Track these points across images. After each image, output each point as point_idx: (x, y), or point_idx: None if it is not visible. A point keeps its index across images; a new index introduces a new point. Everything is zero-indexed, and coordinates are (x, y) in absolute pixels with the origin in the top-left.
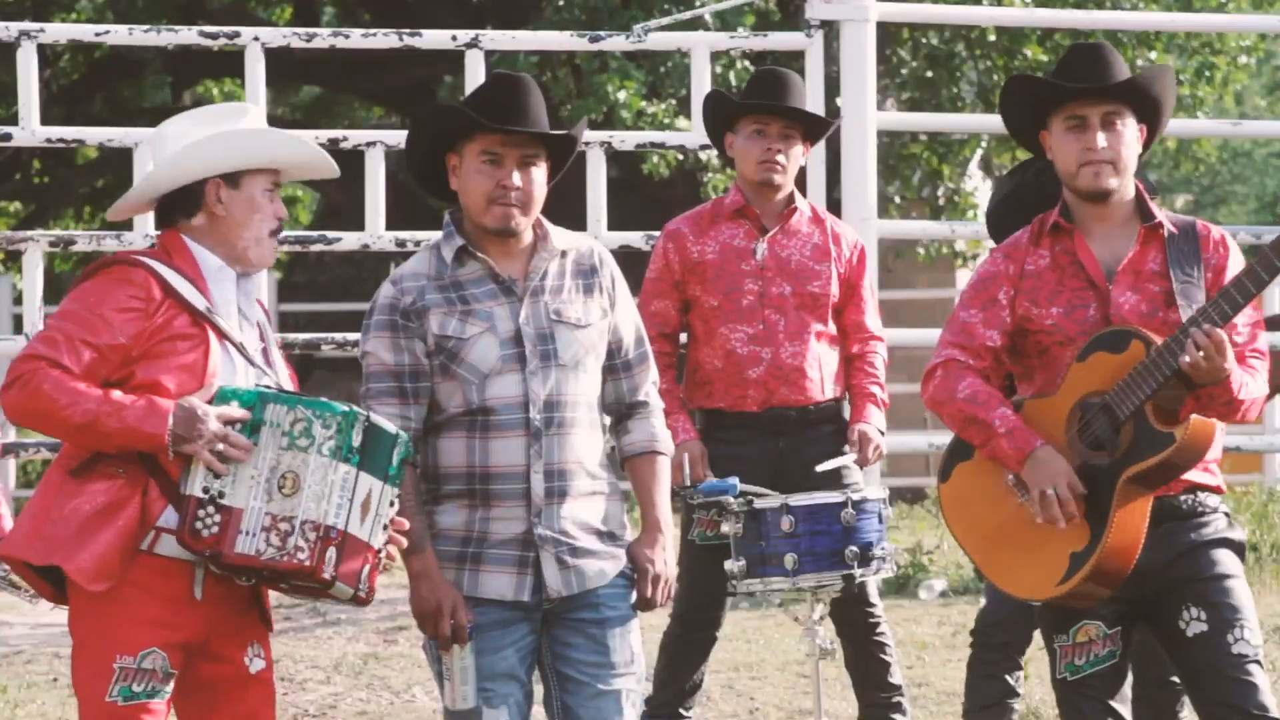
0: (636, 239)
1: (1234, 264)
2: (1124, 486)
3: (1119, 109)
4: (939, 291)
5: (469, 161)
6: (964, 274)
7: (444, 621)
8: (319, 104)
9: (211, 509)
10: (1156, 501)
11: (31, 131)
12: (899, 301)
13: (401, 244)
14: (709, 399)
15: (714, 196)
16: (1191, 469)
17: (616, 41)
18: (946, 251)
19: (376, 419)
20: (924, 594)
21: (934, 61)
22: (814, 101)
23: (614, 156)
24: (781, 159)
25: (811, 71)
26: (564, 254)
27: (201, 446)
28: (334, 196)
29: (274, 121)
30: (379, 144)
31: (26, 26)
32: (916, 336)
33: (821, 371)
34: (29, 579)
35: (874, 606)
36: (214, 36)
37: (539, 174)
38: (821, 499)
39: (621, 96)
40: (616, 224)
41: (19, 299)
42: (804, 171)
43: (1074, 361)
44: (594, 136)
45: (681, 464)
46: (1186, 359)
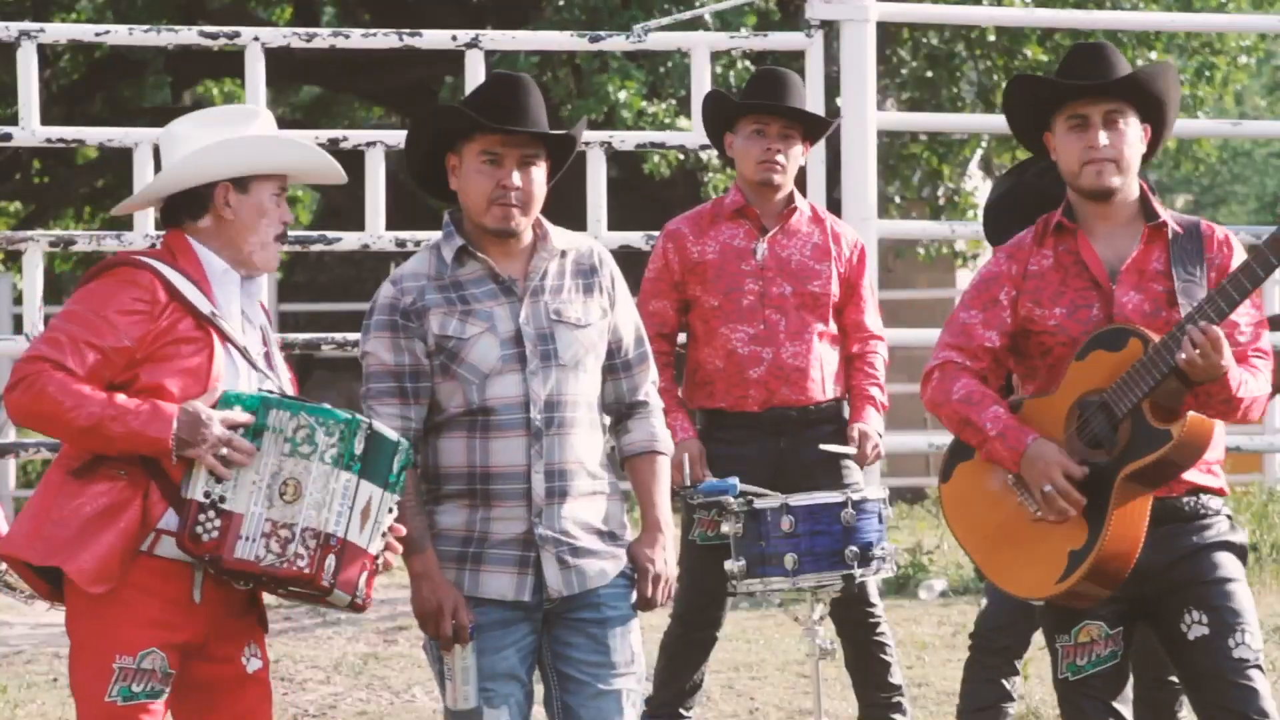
0: (636, 239)
1: (1237, 264)
2: (1122, 484)
3: (1121, 107)
4: (939, 291)
5: (469, 161)
6: (964, 274)
7: (445, 621)
8: (319, 104)
9: (212, 513)
10: (1159, 502)
11: (31, 131)
12: (899, 301)
13: (401, 244)
14: (710, 399)
15: (715, 196)
16: (1191, 467)
17: (616, 41)
18: (946, 251)
19: (379, 426)
20: (924, 594)
21: (934, 61)
22: (814, 101)
23: (614, 156)
24: (781, 159)
25: (811, 71)
26: (564, 254)
27: (205, 451)
28: (334, 196)
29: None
30: (379, 144)
31: (26, 26)
32: (916, 336)
33: (822, 371)
34: (27, 578)
35: (874, 606)
36: (214, 36)
37: (539, 174)
38: (821, 499)
39: (622, 96)
40: (616, 224)
41: (19, 299)
42: (804, 171)
43: (1073, 360)
44: (594, 136)
45: (681, 464)
46: (1182, 356)
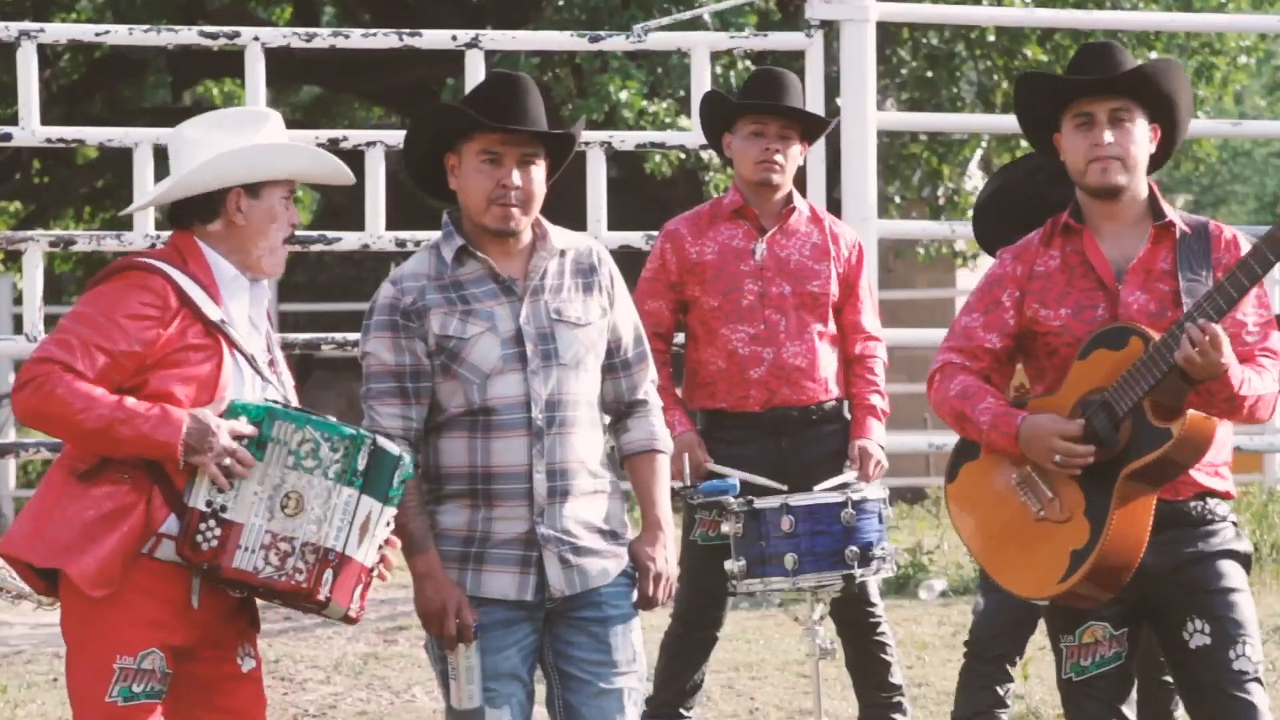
0: (636, 239)
1: None
2: (1124, 483)
3: (1127, 105)
4: (939, 291)
5: (468, 161)
6: (964, 274)
7: (449, 621)
8: (319, 104)
9: (213, 522)
10: (1165, 505)
11: (31, 131)
12: (899, 301)
13: (401, 244)
14: (711, 399)
15: (716, 196)
16: (1193, 466)
17: (617, 41)
18: (946, 251)
19: (383, 442)
20: (924, 594)
21: (934, 61)
22: (814, 101)
23: (614, 156)
24: (780, 159)
25: (811, 71)
26: (563, 253)
27: (210, 460)
28: (334, 196)
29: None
30: (379, 144)
31: (26, 26)
32: (916, 336)
33: (823, 372)
34: (26, 576)
35: (874, 606)
36: (214, 36)
37: (538, 173)
38: (821, 499)
39: (623, 96)
40: (616, 224)
41: (19, 299)
42: (804, 171)
43: (1076, 359)
44: (594, 136)
45: (682, 465)
46: (1180, 355)
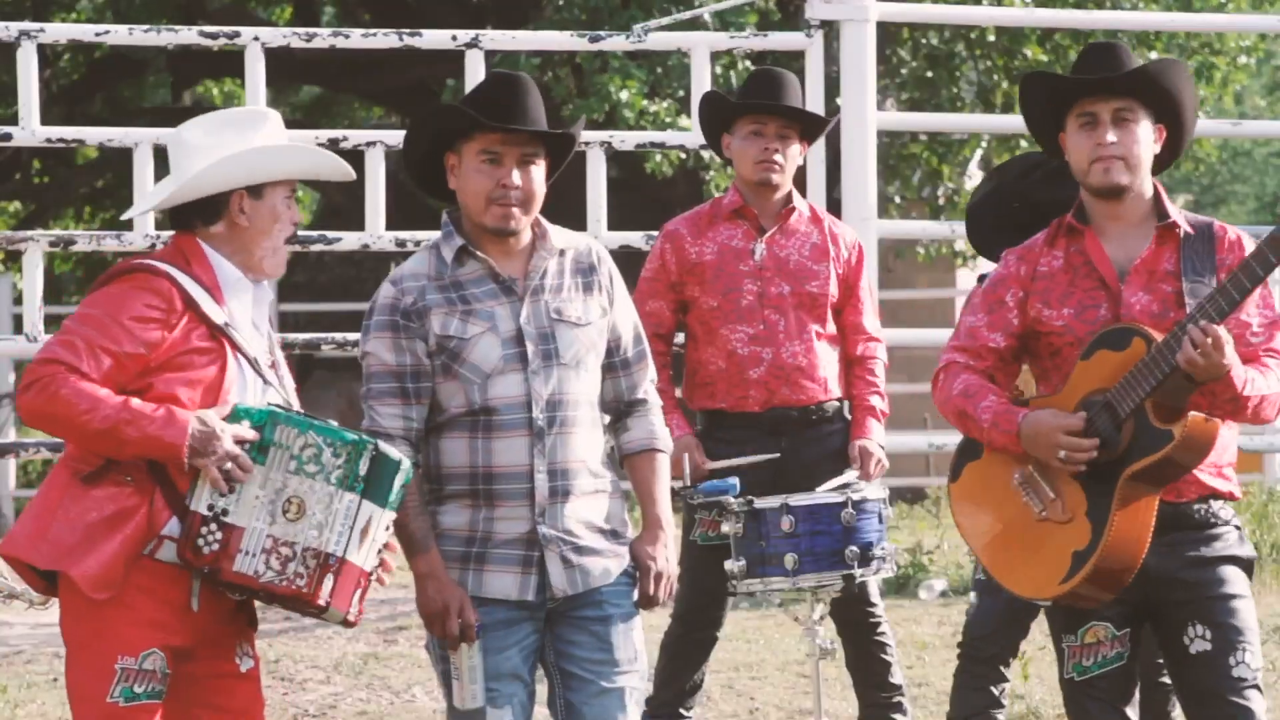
0: (636, 239)
1: None
2: (1125, 485)
3: (1130, 105)
4: (939, 291)
5: (468, 161)
6: (964, 274)
7: (452, 621)
8: (319, 104)
9: (214, 526)
10: (1168, 508)
11: (31, 131)
12: (899, 301)
13: (401, 244)
14: (711, 399)
15: (716, 195)
16: (1195, 467)
17: (617, 41)
18: (946, 251)
19: (384, 448)
20: (924, 594)
21: (934, 61)
22: (814, 101)
23: (614, 156)
24: (779, 158)
25: (811, 71)
26: (562, 253)
27: (212, 464)
28: (334, 196)
29: None
30: (379, 144)
31: (26, 26)
32: (916, 336)
33: (823, 372)
34: (25, 576)
35: (875, 606)
36: (214, 36)
37: (538, 173)
38: (822, 499)
39: (623, 96)
40: (616, 224)
41: (19, 299)
42: (804, 171)
43: (1079, 360)
44: (594, 136)
45: (682, 465)
46: (1182, 356)
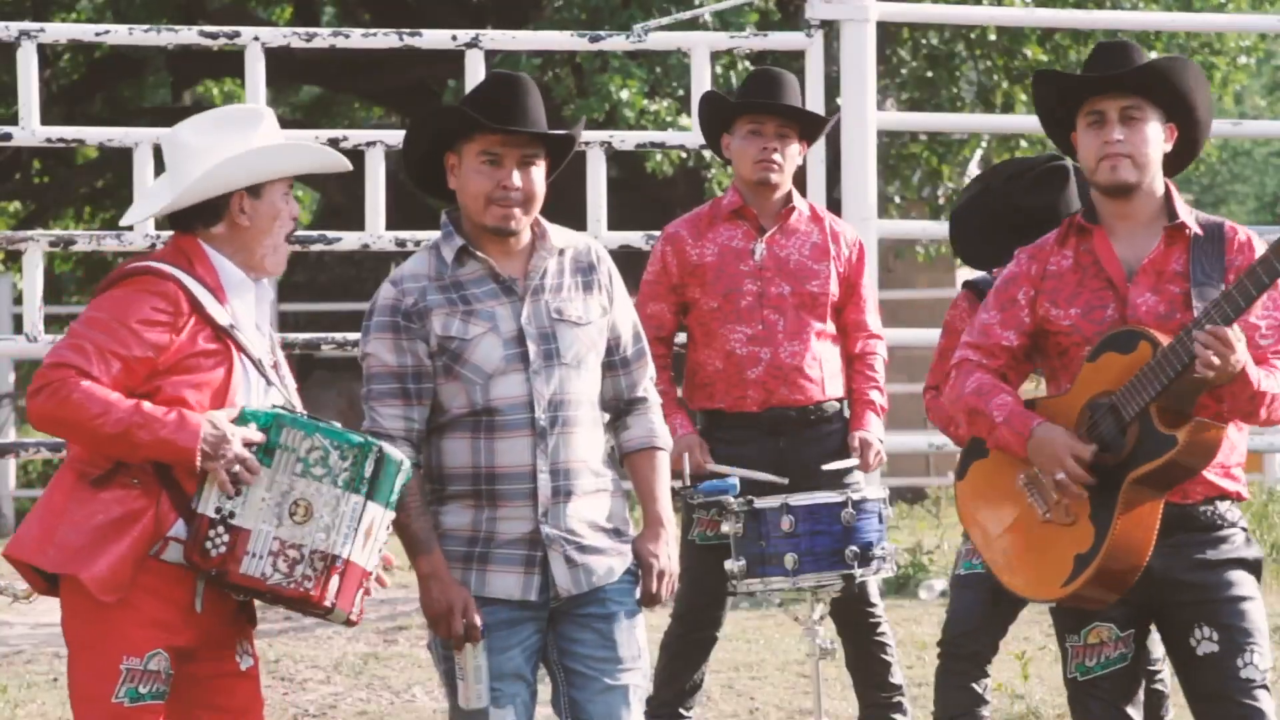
0: (637, 239)
1: None
2: (1129, 488)
3: (1138, 103)
4: (939, 291)
5: (468, 161)
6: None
7: (456, 621)
8: (319, 104)
9: (221, 529)
10: (1174, 509)
11: (31, 131)
12: (899, 301)
13: (401, 244)
14: (710, 399)
15: (718, 194)
16: (1199, 472)
17: (617, 41)
18: (946, 251)
19: (388, 449)
20: (924, 594)
21: (934, 61)
22: (814, 101)
23: (614, 156)
24: (778, 158)
25: (811, 71)
26: (562, 252)
27: (221, 466)
28: (334, 196)
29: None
30: (379, 144)
31: (26, 26)
32: (916, 336)
33: (821, 371)
34: (27, 576)
35: (875, 606)
36: (214, 36)
37: (538, 173)
38: (821, 499)
39: (624, 95)
40: (617, 224)
41: (19, 299)
42: (804, 172)
43: (1086, 361)
44: (594, 136)
45: (682, 465)
46: (1201, 363)
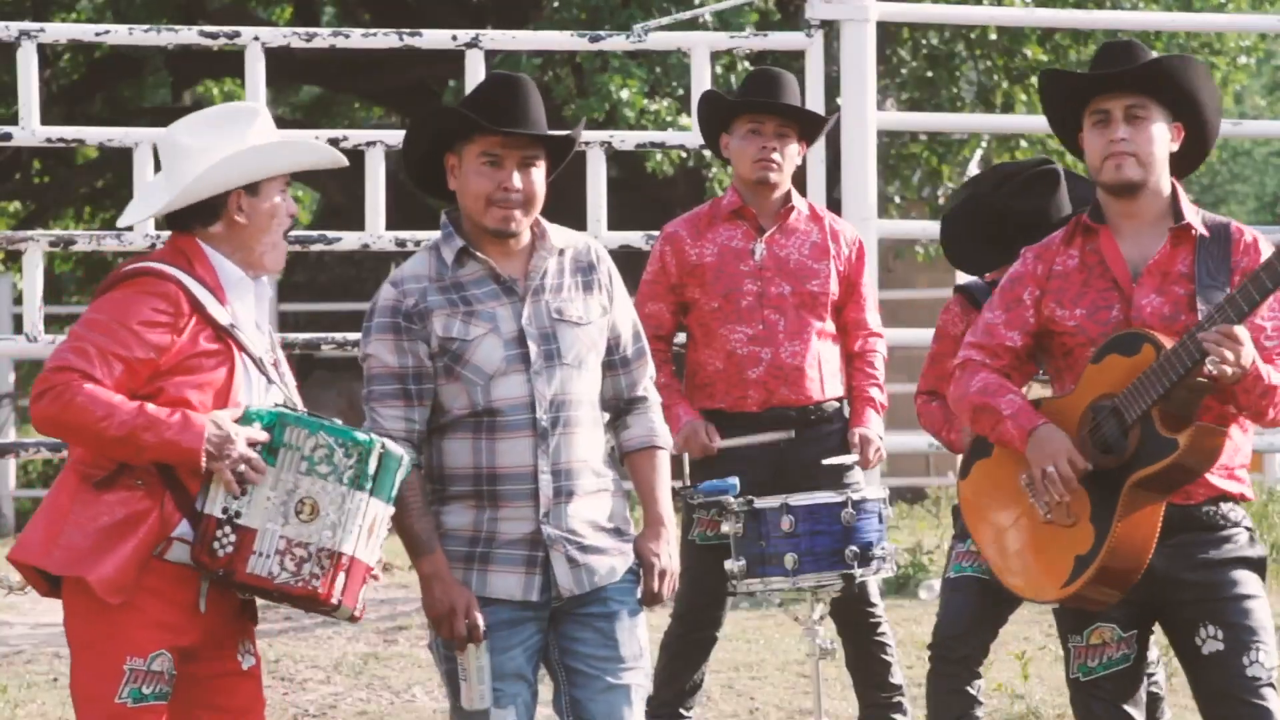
0: (637, 239)
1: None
2: (1130, 491)
3: (1143, 102)
4: (939, 291)
5: (468, 163)
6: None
7: (459, 621)
8: (319, 104)
9: (228, 529)
10: (1177, 510)
11: (31, 131)
12: (899, 301)
13: (401, 244)
14: (710, 399)
15: (719, 194)
16: (1201, 475)
17: (617, 41)
18: None
19: (390, 445)
20: (924, 594)
21: (934, 61)
22: (814, 101)
23: (614, 156)
24: (777, 157)
25: (811, 71)
26: (561, 252)
27: (226, 467)
28: (334, 196)
29: (274, 121)
30: (379, 144)
31: (26, 26)
32: (916, 336)
33: (821, 371)
34: (31, 579)
35: (875, 606)
36: (214, 36)
37: (539, 174)
38: (821, 499)
39: (624, 95)
40: (617, 224)
41: (19, 299)
42: (804, 172)
43: (1090, 363)
44: (594, 136)
45: (689, 452)
46: (1211, 366)
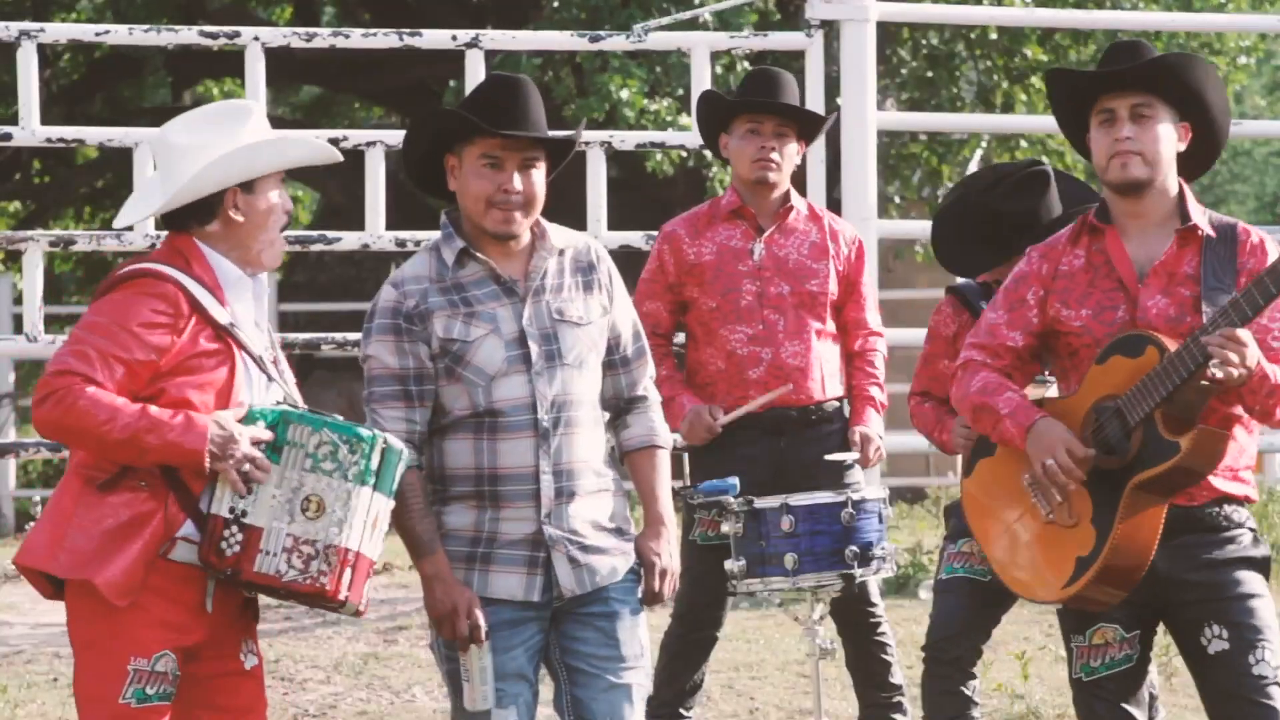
0: (636, 239)
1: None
2: (1131, 493)
3: (1148, 100)
4: (939, 292)
5: (468, 164)
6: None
7: (461, 622)
8: (319, 104)
9: (235, 528)
10: (1180, 511)
11: (31, 131)
12: (899, 301)
13: (401, 244)
14: (711, 399)
15: (719, 193)
16: (1204, 478)
17: (617, 41)
18: None
19: (391, 439)
20: (924, 594)
21: (934, 61)
22: (814, 101)
23: (614, 156)
24: (776, 157)
25: (811, 71)
26: (561, 252)
27: (231, 466)
28: (334, 196)
29: (274, 121)
30: (379, 144)
31: (26, 26)
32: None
33: (822, 370)
34: (36, 582)
35: (875, 606)
36: (214, 36)
37: (539, 176)
38: (821, 499)
39: (624, 95)
40: (617, 224)
41: (19, 299)
42: (804, 172)
43: (1093, 363)
44: (594, 136)
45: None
46: (1217, 371)
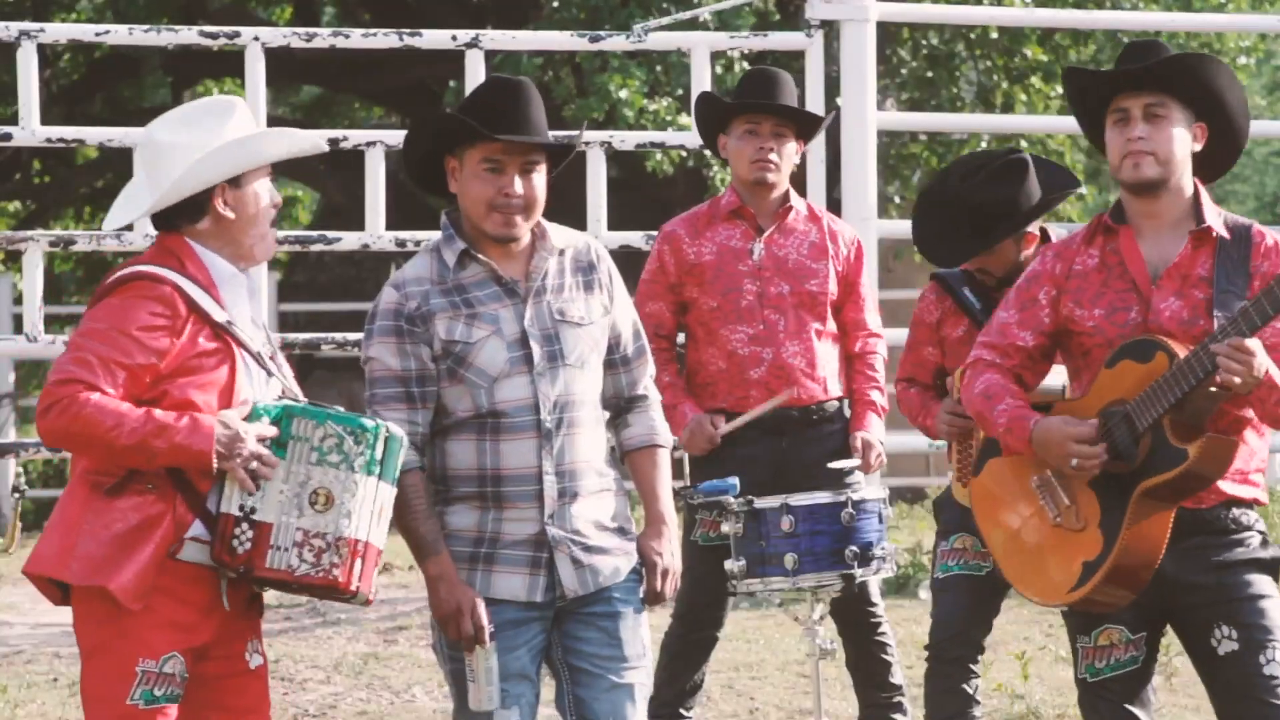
0: (637, 239)
1: None
2: (1139, 499)
3: (1162, 100)
4: None
5: (469, 167)
6: None
7: (466, 622)
8: (319, 104)
9: (246, 525)
10: (1189, 514)
11: (31, 131)
12: (899, 301)
13: (401, 244)
14: (712, 399)
15: (720, 192)
16: (1212, 484)
17: (617, 41)
18: None
19: (392, 428)
20: (924, 594)
21: (934, 61)
22: (814, 102)
23: (614, 156)
24: (774, 157)
25: (811, 71)
26: (562, 252)
27: (238, 465)
28: (334, 196)
29: (274, 122)
30: (379, 144)
31: (26, 26)
32: None
33: (823, 371)
34: (44, 589)
35: (875, 606)
36: (214, 36)
37: (539, 179)
38: (821, 499)
39: (624, 95)
40: (617, 223)
41: (19, 299)
42: (804, 172)
43: (1104, 367)
44: (594, 136)
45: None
46: (1223, 378)
